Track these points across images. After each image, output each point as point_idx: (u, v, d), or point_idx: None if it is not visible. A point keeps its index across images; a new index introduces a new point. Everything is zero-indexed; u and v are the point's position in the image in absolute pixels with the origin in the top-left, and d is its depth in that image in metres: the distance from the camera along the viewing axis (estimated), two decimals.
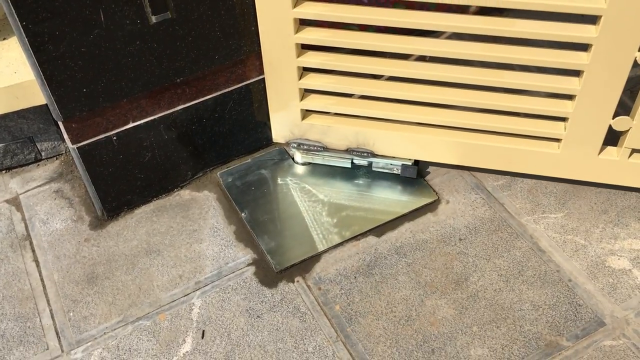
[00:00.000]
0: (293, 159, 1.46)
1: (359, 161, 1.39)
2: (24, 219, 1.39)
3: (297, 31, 1.19)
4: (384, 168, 1.38)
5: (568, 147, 1.23)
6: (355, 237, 1.30)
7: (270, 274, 1.25)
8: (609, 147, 1.24)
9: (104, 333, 1.18)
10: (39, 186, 1.46)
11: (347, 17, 1.13)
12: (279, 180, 1.42)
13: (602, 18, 1.02)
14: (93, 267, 1.28)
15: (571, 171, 1.28)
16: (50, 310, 1.22)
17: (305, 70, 1.29)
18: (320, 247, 1.28)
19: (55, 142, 1.51)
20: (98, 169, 1.29)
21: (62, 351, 1.16)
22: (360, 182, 1.40)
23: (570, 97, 1.18)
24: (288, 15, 1.15)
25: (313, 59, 1.23)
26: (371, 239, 1.30)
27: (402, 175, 1.38)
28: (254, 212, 1.35)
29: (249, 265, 1.27)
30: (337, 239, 1.29)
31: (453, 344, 1.13)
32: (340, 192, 1.39)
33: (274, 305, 1.20)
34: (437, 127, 1.31)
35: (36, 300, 1.24)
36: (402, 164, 1.36)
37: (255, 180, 1.42)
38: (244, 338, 1.16)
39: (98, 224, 1.37)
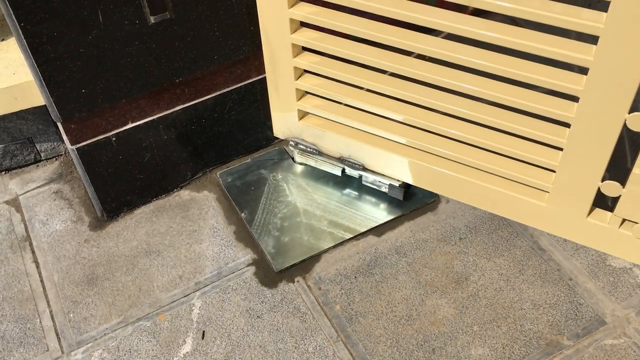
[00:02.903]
0: (293, 159, 1.46)
1: (350, 172, 1.38)
2: (23, 220, 1.39)
3: (293, 31, 1.18)
4: (372, 184, 1.36)
5: (555, 202, 1.14)
6: (355, 237, 1.30)
7: (271, 274, 1.25)
8: (599, 211, 1.14)
9: (104, 334, 1.18)
10: (39, 187, 1.46)
11: (335, 25, 1.12)
12: (279, 180, 1.42)
13: (590, 71, 0.94)
14: (93, 268, 1.28)
15: (557, 228, 1.19)
16: (51, 312, 1.22)
17: (307, 72, 1.28)
18: (321, 247, 1.28)
19: (55, 143, 1.51)
20: (97, 169, 1.29)
21: (63, 352, 1.16)
22: (358, 187, 1.39)
23: (560, 148, 1.09)
24: (284, 15, 1.15)
25: (306, 61, 1.22)
26: (371, 239, 1.30)
27: (389, 194, 1.35)
28: (254, 212, 1.35)
29: (249, 265, 1.27)
30: (337, 239, 1.29)
31: (454, 344, 1.13)
32: (337, 194, 1.38)
33: (274, 306, 1.20)
34: (426, 153, 1.25)
35: (36, 302, 1.24)
36: (390, 184, 1.33)
37: (255, 180, 1.42)
38: (244, 338, 1.15)
39: (98, 224, 1.37)
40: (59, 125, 1.22)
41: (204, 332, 1.17)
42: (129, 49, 1.15)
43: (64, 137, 1.23)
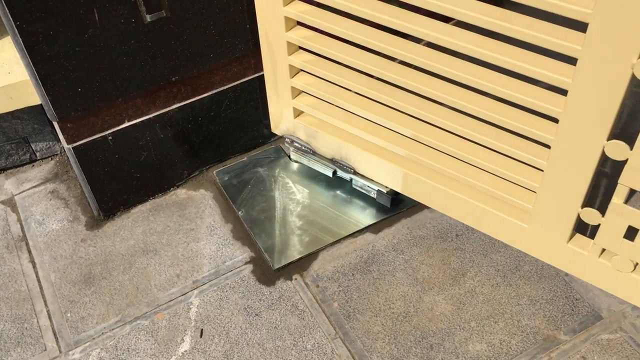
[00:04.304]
0: (289, 156, 1.46)
1: (341, 174, 1.38)
2: (19, 219, 1.38)
3: (288, 29, 1.19)
4: (362, 188, 1.36)
5: (536, 224, 1.10)
6: (353, 234, 1.31)
7: (268, 272, 1.25)
8: (580, 237, 1.10)
9: (102, 333, 1.18)
10: (34, 187, 1.45)
11: (325, 26, 1.11)
12: (276, 178, 1.42)
13: (569, 93, 0.90)
14: (90, 268, 1.28)
15: (538, 251, 1.15)
16: (48, 311, 1.22)
17: (303, 70, 1.28)
18: (319, 245, 1.28)
19: (50, 143, 1.50)
20: (94, 168, 1.29)
21: (60, 352, 1.15)
22: (351, 189, 1.39)
23: (541, 169, 1.05)
24: (279, 12, 1.15)
25: (300, 59, 1.22)
26: (368, 236, 1.31)
27: (377, 200, 1.35)
28: (250, 210, 1.35)
29: (246, 263, 1.27)
30: (335, 237, 1.30)
31: (451, 340, 1.13)
32: (334, 194, 1.39)
33: (272, 303, 1.20)
34: (413, 162, 1.23)
35: (33, 301, 1.23)
36: (378, 190, 1.32)
37: (252, 178, 1.42)
38: (243, 336, 1.16)
39: (94, 224, 1.36)
40: (55, 124, 1.22)
41: (202, 330, 1.17)
42: (125, 48, 1.15)
43: (60, 136, 1.23)
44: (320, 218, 1.33)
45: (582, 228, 1.10)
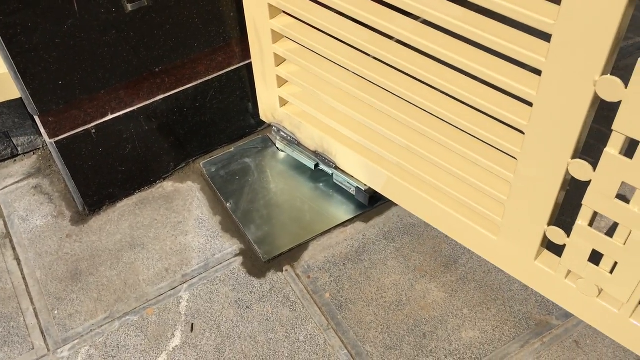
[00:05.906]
0: (275, 145, 1.44)
1: (323, 167, 1.36)
2: (2, 216, 1.35)
3: (272, 17, 1.16)
4: (342, 183, 1.34)
5: (505, 238, 1.07)
6: (343, 224, 1.29)
7: (258, 263, 1.24)
8: (548, 255, 1.06)
9: (91, 330, 1.16)
10: (17, 182, 1.42)
11: (304, 15, 1.09)
12: (264, 169, 1.40)
13: (534, 106, 0.87)
14: (76, 264, 1.26)
15: (507, 265, 1.11)
16: (34, 309, 1.19)
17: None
18: (309, 235, 1.27)
19: (32, 137, 1.47)
20: (77, 163, 1.26)
21: (49, 350, 1.13)
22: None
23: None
24: (263, 0, 1.13)
25: (283, 48, 1.19)
26: (359, 225, 1.30)
27: (355, 197, 1.33)
28: (239, 202, 1.34)
29: (236, 255, 1.26)
30: (325, 227, 1.29)
31: (444, 327, 1.13)
32: (316, 185, 1.38)
33: (263, 296, 1.19)
34: (391, 163, 1.20)
35: (19, 299, 1.21)
36: (357, 187, 1.30)
37: (240, 169, 1.40)
38: (234, 329, 1.14)
39: (79, 219, 1.34)
40: (36, 118, 1.19)
41: (192, 324, 1.16)
42: (106, 39, 1.12)
43: (42, 130, 1.20)
44: (306, 209, 1.32)
45: (555, 246, 1.04)
